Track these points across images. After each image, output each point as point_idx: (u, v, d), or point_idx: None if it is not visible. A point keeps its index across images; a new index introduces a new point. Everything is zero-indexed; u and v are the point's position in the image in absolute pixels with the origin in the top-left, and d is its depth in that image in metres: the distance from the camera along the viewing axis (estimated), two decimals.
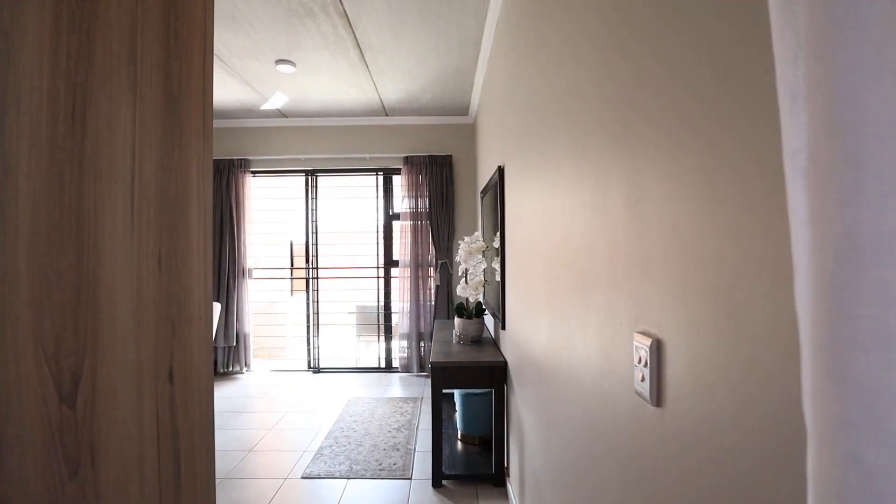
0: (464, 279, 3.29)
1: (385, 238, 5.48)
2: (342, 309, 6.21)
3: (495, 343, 3.16)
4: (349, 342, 6.34)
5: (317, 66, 3.78)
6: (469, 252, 3.17)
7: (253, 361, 5.44)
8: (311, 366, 5.46)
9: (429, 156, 5.18)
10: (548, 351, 1.64)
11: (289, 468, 3.02)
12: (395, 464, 3.05)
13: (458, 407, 3.33)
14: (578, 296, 1.26)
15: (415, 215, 5.19)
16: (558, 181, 1.45)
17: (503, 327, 2.77)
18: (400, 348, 5.24)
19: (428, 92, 4.45)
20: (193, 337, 0.81)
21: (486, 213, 3.90)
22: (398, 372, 5.31)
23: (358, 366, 5.51)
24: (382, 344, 5.50)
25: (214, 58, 3.60)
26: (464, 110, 5.05)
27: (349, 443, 3.39)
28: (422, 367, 5.21)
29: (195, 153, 0.81)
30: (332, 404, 4.28)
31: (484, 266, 3.24)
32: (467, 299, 3.25)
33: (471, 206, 5.27)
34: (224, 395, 4.58)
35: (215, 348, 5.20)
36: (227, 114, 5.08)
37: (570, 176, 1.32)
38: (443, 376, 2.73)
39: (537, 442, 1.85)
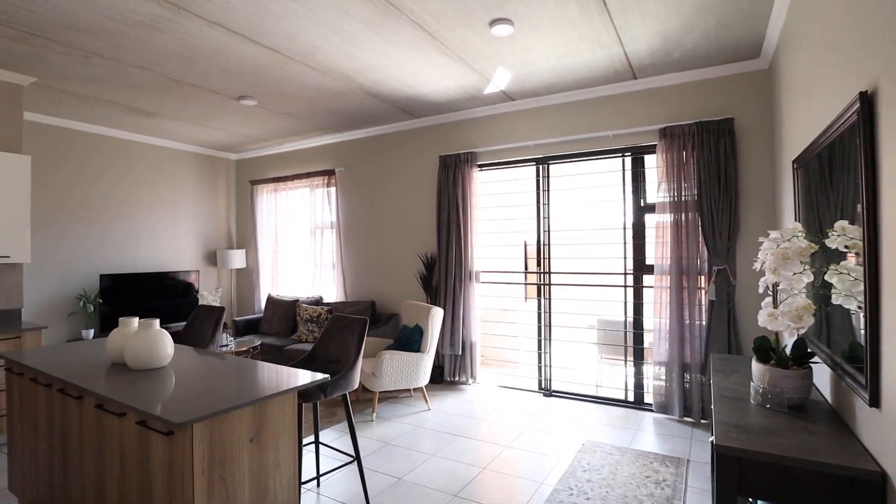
0: (769, 299, 1.98)
1: (634, 236, 4.29)
2: (580, 322, 5.25)
3: (839, 417, 1.77)
4: (588, 363, 5.33)
5: (538, 17, 2.98)
6: (782, 257, 1.86)
7: (480, 372, 5.00)
8: (542, 387, 4.68)
9: (697, 123, 3.78)
10: None
11: None
12: None
13: None
14: None
15: (676, 206, 3.87)
16: None
17: (875, 403, 1.42)
18: (655, 377, 4.00)
19: (695, 29, 3.14)
20: None
21: (802, 193, 2.44)
22: (651, 411, 4.06)
23: (598, 395, 4.47)
24: (630, 369, 4.33)
25: (425, 34, 3.17)
26: (752, 51, 3.49)
27: None
28: (687, 410, 3.84)
29: None
30: (562, 446, 3.40)
31: (808, 280, 1.87)
32: (777, 333, 1.94)
33: (766, 188, 3.64)
34: (446, 408, 4.20)
35: (440, 355, 4.94)
36: (451, 106, 4.74)
37: None
38: (739, 472, 1.56)
39: None
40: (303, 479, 2.80)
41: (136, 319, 2.40)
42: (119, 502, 1.90)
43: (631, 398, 4.29)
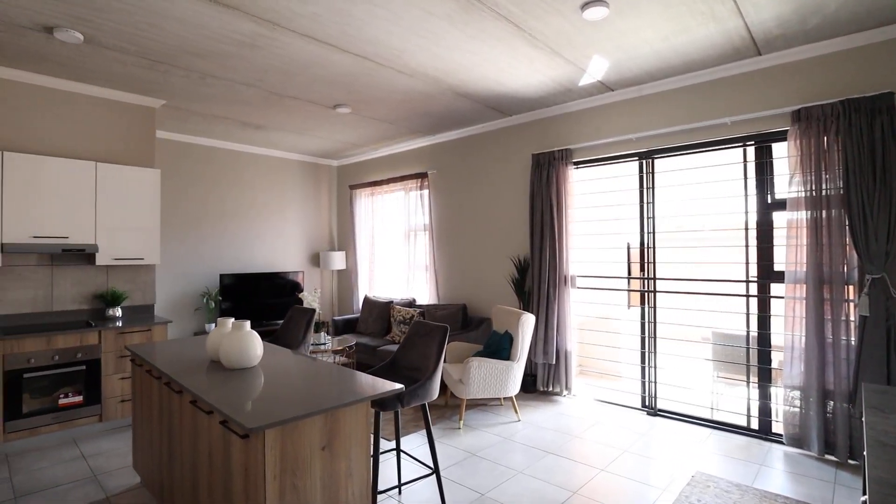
0: None
1: (759, 238, 3.71)
2: (692, 334, 4.69)
3: None
4: (701, 381, 4.74)
5: None
6: None
7: (576, 383, 4.67)
8: (646, 404, 4.24)
9: (843, 101, 3.15)
10: None
11: None
12: None
13: None
14: None
15: (814, 201, 3.26)
16: None
17: None
18: (787, 402, 3.40)
19: None
20: None
21: None
22: (780, 443, 3.46)
23: (712, 419, 3.93)
24: (753, 392, 3.74)
25: (511, 26, 3.00)
26: None
27: None
28: (829, 447, 3.21)
29: None
30: (668, 476, 3.01)
31: None
32: None
33: None
34: (537, 420, 3.97)
35: (533, 363, 4.70)
36: (544, 101, 4.49)
37: None
38: None
39: None
40: (384, 488, 2.78)
41: (231, 320, 2.54)
42: (209, 498, 1.99)
43: (754, 426, 3.70)
